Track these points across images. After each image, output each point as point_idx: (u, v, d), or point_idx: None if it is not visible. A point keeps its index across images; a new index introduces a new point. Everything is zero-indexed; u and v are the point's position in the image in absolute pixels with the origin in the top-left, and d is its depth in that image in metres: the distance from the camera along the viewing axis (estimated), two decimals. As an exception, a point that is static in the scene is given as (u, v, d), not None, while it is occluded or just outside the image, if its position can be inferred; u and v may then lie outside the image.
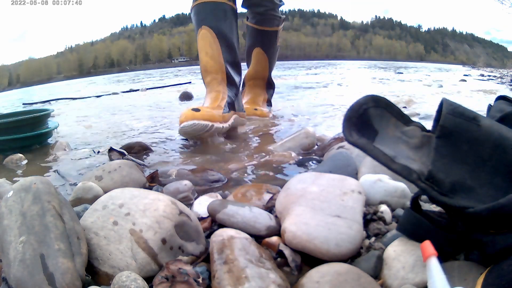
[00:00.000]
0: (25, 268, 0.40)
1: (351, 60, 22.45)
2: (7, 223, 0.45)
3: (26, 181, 0.49)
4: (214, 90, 1.31)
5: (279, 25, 1.76)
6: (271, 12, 1.70)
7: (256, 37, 1.77)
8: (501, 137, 0.43)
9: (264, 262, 0.45)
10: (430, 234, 0.43)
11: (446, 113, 0.44)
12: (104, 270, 0.46)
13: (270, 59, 1.81)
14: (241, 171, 0.93)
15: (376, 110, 0.49)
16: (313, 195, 0.55)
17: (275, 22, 1.73)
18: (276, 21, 1.73)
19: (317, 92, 2.99)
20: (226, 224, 0.55)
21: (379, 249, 0.49)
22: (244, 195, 0.71)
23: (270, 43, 1.78)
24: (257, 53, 1.79)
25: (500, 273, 0.36)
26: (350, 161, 0.79)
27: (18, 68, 31.16)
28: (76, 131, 1.70)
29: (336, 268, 0.42)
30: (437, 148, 0.43)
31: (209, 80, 1.33)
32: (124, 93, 3.78)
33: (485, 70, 8.36)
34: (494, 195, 0.40)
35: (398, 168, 0.43)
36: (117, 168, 0.81)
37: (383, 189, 0.61)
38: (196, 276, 0.44)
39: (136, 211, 0.49)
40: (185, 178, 0.83)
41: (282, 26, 1.80)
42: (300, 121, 1.64)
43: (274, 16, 1.72)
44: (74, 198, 0.72)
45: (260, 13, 1.70)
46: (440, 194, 0.41)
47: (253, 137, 1.35)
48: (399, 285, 0.42)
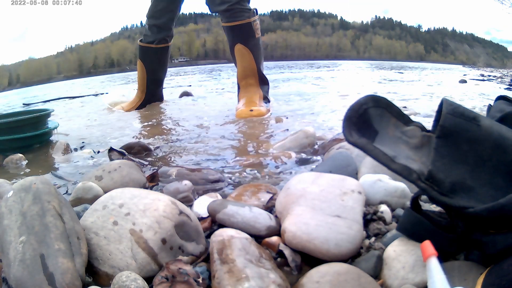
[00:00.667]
0: (25, 268, 0.40)
1: (351, 60, 22.46)
2: (7, 223, 0.45)
3: (26, 181, 0.49)
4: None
5: (251, 17, 1.79)
6: (236, 6, 1.76)
7: (232, 34, 1.82)
8: (501, 137, 0.43)
9: (264, 262, 0.45)
10: (430, 234, 0.43)
11: (446, 113, 0.44)
12: (104, 270, 0.46)
13: (254, 52, 1.82)
14: (241, 171, 0.93)
15: (376, 110, 0.49)
16: (313, 195, 0.55)
17: (245, 15, 1.78)
18: (245, 13, 1.78)
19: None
20: (226, 224, 0.55)
21: (379, 249, 0.49)
22: (244, 195, 0.71)
23: (248, 36, 1.80)
24: (239, 49, 1.82)
25: (500, 273, 0.36)
26: (350, 161, 0.79)
27: (18, 68, 31.22)
28: (76, 131, 1.70)
29: (336, 268, 0.42)
30: (437, 148, 0.43)
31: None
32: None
33: (485, 70, 8.36)
34: (494, 195, 0.40)
35: (398, 168, 0.43)
36: (117, 168, 0.81)
37: (383, 189, 0.61)
38: (196, 276, 0.44)
39: (136, 211, 0.49)
40: (185, 178, 0.83)
41: (256, 18, 1.83)
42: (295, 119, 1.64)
43: (241, 9, 1.77)
44: (74, 198, 0.72)
45: (227, 9, 1.76)
46: (440, 194, 0.41)
47: (252, 137, 1.35)
48: (399, 285, 0.42)
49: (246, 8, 1.78)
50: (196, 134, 1.44)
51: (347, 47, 52.87)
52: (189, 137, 1.39)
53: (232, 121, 1.65)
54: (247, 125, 1.55)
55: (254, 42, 1.82)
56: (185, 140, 1.34)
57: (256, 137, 1.34)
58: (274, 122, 1.62)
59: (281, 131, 1.42)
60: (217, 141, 1.29)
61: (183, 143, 1.29)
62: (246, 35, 1.80)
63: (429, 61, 35.43)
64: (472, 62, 24.25)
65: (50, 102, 3.42)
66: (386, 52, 49.22)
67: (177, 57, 55.64)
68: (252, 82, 1.85)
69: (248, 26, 1.78)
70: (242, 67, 1.84)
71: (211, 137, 1.36)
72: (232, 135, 1.38)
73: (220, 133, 1.42)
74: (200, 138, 1.37)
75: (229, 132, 1.45)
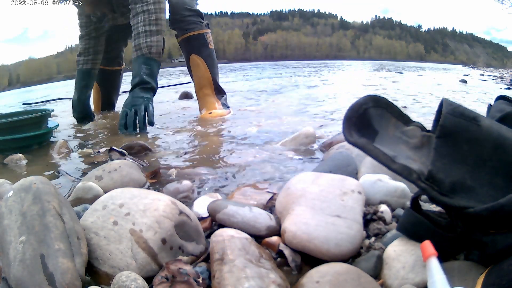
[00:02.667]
0: (25, 268, 0.40)
1: (351, 60, 22.40)
2: (7, 223, 0.45)
3: (26, 181, 0.49)
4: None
5: (203, 29, 1.90)
6: (191, 18, 1.87)
7: (186, 45, 1.91)
8: (501, 137, 0.43)
9: (264, 262, 0.45)
10: (430, 234, 0.43)
11: (446, 113, 0.44)
12: (104, 270, 0.46)
13: (208, 62, 1.89)
14: (241, 171, 0.93)
15: (376, 110, 0.49)
16: (313, 195, 0.55)
17: (197, 26, 1.89)
18: (197, 25, 1.89)
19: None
20: (226, 224, 0.55)
21: (379, 249, 0.49)
22: (244, 195, 0.71)
23: (201, 46, 1.89)
24: (193, 59, 1.90)
25: (500, 273, 0.36)
26: (350, 161, 0.79)
27: (18, 68, 31.17)
28: (76, 131, 1.70)
29: (336, 268, 0.42)
30: (437, 148, 0.43)
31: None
32: (124, 93, 3.78)
33: (485, 70, 8.36)
34: (494, 195, 0.40)
35: (398, 168, 0.43)
36: (117, 168, 0.81)
37: (383, 189, 0.61)
38: (196, 276, 0.44)
39: (136, 211, 0.49)
40: (185, 178, 0.83)
41: (208, 31, 1.92)
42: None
43: (195, 21, 1.89)
44: (74, 198, 0.72)
45: (181, 20, 1.86)
46: (440, 194, 0.41)
47: (251, 137, 1.35)
48: (399, 285, 0.42)
49: (199, 21, 1.89)
50: (195, 134, 1.44)
51: (347, 47, 52.82)
52: (188, 137, 1.40)
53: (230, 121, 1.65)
54: (247, 124, 1.55)
55: (207, 52, 1.90)
56: (184, 139, 1.34)
57: (255, 137, 1.34)
58: (273, 124, 1.62)
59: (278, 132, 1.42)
60: (218, 141, 1.29)
61: (183, 143, 1.29)
62: (198, 45, 1.89)
63: (429, 61, 35.36)
64: (472, 62, 24.21)
65: (50, 102, 3.42)
66: (386, 52, 49.16)
67: (177, 57, 55.64)
68: (208, 92, 1.92)
69: (201, 36, 1.88)
70: (197, 77, 1.91)
71: (211, 136, 1.36)
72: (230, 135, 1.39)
73: (220, 133, 1.43)
74: (198, 137, 1.37)
75: (227, 132, 1.45)
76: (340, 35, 53.58)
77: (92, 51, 1.92)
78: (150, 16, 1.56)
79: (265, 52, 46.09)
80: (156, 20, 1.57)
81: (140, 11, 1.56)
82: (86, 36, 1.91)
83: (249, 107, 2.14)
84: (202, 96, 1.93)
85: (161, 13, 1.60)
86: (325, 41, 52.22)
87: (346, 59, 33.37)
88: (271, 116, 1.79)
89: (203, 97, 1.93)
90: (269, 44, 51.79)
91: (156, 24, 1.57)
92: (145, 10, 1.56)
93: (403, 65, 12.42)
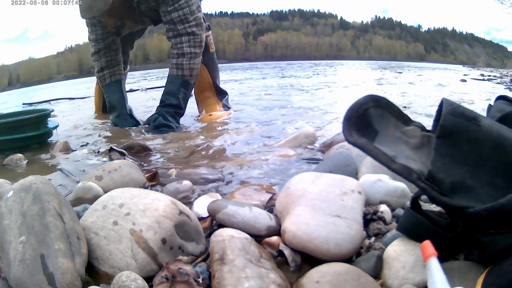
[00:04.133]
0: (25, 268, 0.40)
1: (351, 60, 22.39)
2: (7, 223, 0.45)
3: (26, 181, 0.49)
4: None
5: (205, 32, 1.87)
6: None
7: None
8: (501, 137, 0.43)
9: (264, 262, 0.45)
10: (430, 234, 0.43)
11: (446, 113, 0.44)
12: (104, 270, 0.46)
13: (209, 67, 1.88)
14: (241, 171, 0.93)
15: (376, 110, 0.49)
16: (313, 195, 0.55)
17: None
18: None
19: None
20: (226, 224, 0.55)
21: (379, 249, 0.49)
22: (244, 194, 0.71)
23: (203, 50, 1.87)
24: None
25: (500, 273, 0.36)
26: (350, 161, 0.79)
27: (18, 68, 31.17)
28: (76, 131, 1.70)
29: (336, 268, 0.42)
30: (437, 148, 0.43)
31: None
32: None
33: (485, 70, 8.36)
34: (494, 195, 0.40)
35: (398, 168, 0.43)
36: (117, 168, 0.81)
37: (383, 189, 0.61)
38: (196, 276, 0.44)
39: (136, 211, 0.49)
40: (185, 178, 0.83)
41: (209, 33, 1.89)
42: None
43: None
44: (74, 198, 0.72)
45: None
46: (440, 194, 0.41)
47: (252, 137, 1.35)
48: (399, 285, 0.42)
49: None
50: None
51: (347, 47, 52.82)
52: (188, 137, 1.39)
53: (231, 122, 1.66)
54: (247, 124, 1.55)
55: (208, 56, 1.87)
56: (182, 141, 1.34)
57: (255, 137, 1.34)
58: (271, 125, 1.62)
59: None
60: (218, 141, 1.29)
61: (181, 145, 1.29)
62: None
63: (429, 61, 35.38)
64: (472, 62, 24.20)
65: (50, 102, 3.42)
66: (386, 52, 49.19)
67: (177, 57, 55.42)
68: (209, 94, 1.92)
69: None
70: (198, 82, 1.87)
71: (211, 137, 1.36)
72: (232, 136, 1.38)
73: (220, 133, 1.43)
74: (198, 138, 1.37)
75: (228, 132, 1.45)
76: (340, 35, 53.58)
77: (115, 62, 1.84)
78: (195, 38, 1.60)
79: (265, 52, 46.08)
80: (200, 43, 1.62)
81: (184, 32, 1.59)
82: (105, 49, 1.80)
83: (249, 107, 2.14)
84: (202, 98, 1.93)
85: (203, 35, 1.65)
86: (325, 41, 52.23)
87: (346, 59, 33.35)
88: (271, 116, 1.79)
89: (204, 99, 1.92)
90: (269, 44, 51.83)
91: (200, 47, 1.63)
92: (190, 32, 1.59)
93: (403, 65, 12.42)
